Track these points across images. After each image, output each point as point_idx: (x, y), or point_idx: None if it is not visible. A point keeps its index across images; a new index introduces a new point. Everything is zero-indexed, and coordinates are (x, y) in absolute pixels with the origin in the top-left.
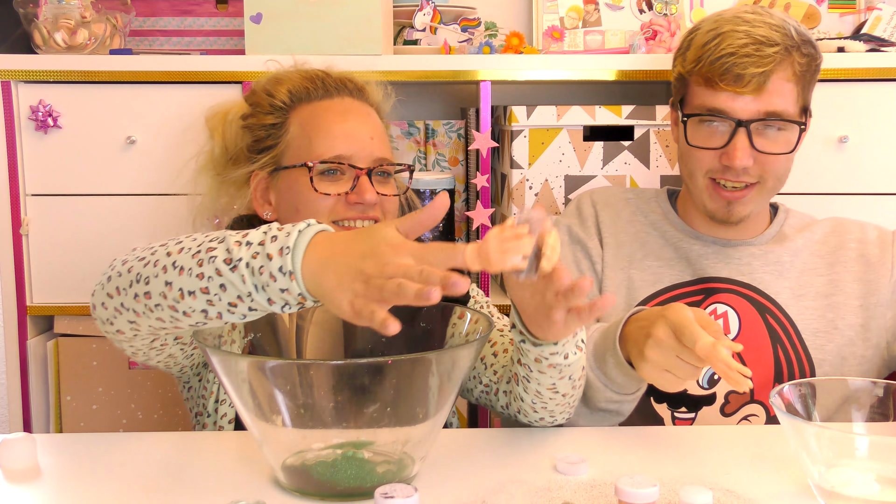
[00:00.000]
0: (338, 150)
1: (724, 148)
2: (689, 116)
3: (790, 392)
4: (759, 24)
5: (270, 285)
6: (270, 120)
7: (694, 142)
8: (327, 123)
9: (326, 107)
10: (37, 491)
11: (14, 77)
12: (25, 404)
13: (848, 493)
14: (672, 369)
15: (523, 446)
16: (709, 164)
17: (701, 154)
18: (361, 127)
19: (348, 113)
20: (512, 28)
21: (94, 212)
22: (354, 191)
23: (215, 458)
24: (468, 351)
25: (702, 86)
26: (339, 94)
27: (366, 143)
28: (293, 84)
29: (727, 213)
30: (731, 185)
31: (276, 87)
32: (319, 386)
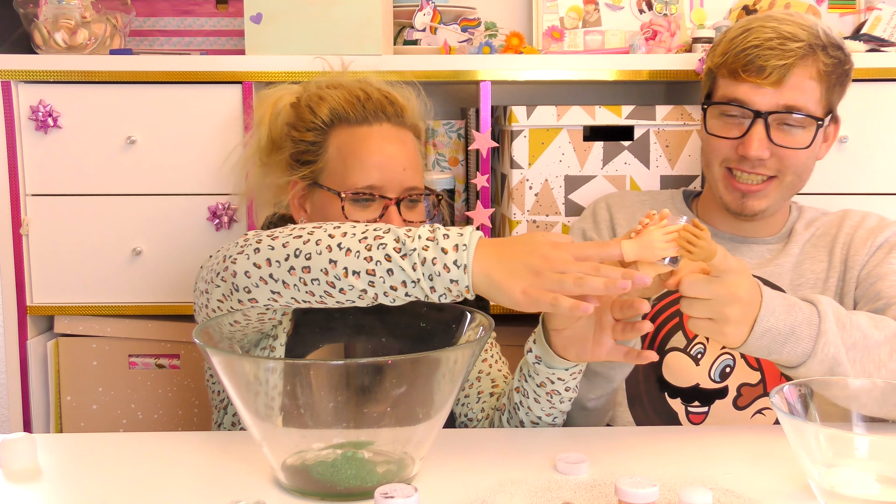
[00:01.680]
0: (370, 180)
1: (741, 138)
2: (710, 103)
3: (790, 392)
4: (789, 22)
5: (442, 275)
6: (311, 137)
7: (713, 130)
8: (363, 153)
9: (364, 135)
10: (37, 491)
11: (14, 77)
12: (25, 404)
13: (848, 493)
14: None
15: (523, 446)
16: (725, 154)
17: (718, 143)
18: (395, 158)
19: (384, 142)
20: (512, 28)
21: (94, 212)
22: (382, 219)
23: (215, 458)
24: (468, 351)
25: (726, 77)
26: (378, 119)
27: (397, 175)
28: (335, 103)
29: (741, 205)
30: (746, 178)
31: (318, 106)
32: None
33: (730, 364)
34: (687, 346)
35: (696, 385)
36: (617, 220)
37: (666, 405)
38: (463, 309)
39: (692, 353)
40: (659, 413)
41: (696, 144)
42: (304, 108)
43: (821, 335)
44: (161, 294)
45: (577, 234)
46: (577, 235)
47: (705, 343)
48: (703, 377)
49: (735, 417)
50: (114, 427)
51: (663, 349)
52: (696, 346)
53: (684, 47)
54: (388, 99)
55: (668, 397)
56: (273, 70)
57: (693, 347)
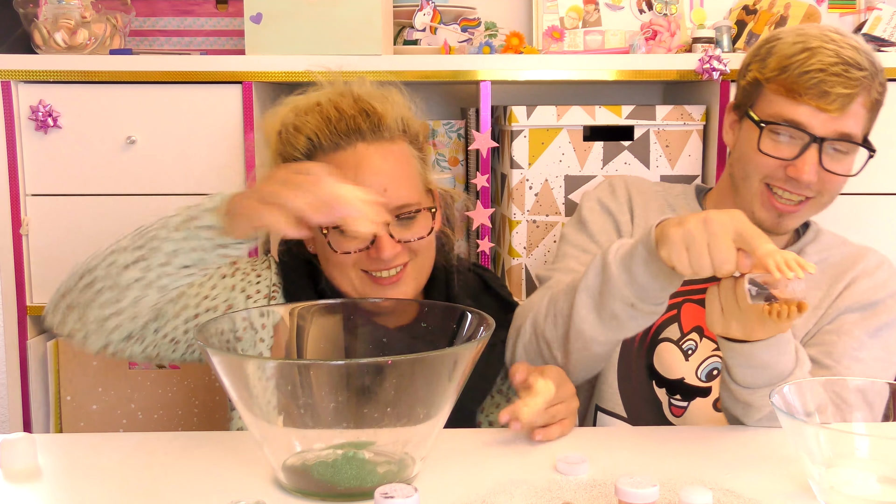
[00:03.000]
0: None
1: (792, 160)
2: (766, 124)
3: (790, 392)
4: (845, 45)
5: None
6: None
7: (764, 149)
8: None
9: (339, 162)
10: (37, 491)
11: (14, 77)
12: (25, 404)
13: (848, 493)
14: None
15: (523, 446)
16: (769, 171)
17: (763, 160)
18: (375, 179)
19: (360, 166)
20: (512, 28)
21: (94, 212)
22: (374, 246)
23: (215, 458)
24: (468, 351)
25: (782, 95)
26: (351, 141)
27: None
28: (309, 132)
29: (776, 223)
30: (786, 197)
31: (296, 138)
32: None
33: (718, 367)
34: (679, 340)
35: (682, 379)
36: (634, 200)
37: (652, 393)
38: (463, 309)
39: (683, 348)
40: (644, 399)
41: (696, 144)
42: (285, 140)
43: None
44: None
45: (593, 202)
46: (593, 203)
47: (697, 341)
48: (690, 373)
49: (711, 418)
50: (114, 427)
51: (656, 338)
52: (688, 342)
53: (684, 47)
54: (365, 111)
55: (656, 386)
56: (273, 70)
57: (685, 342)
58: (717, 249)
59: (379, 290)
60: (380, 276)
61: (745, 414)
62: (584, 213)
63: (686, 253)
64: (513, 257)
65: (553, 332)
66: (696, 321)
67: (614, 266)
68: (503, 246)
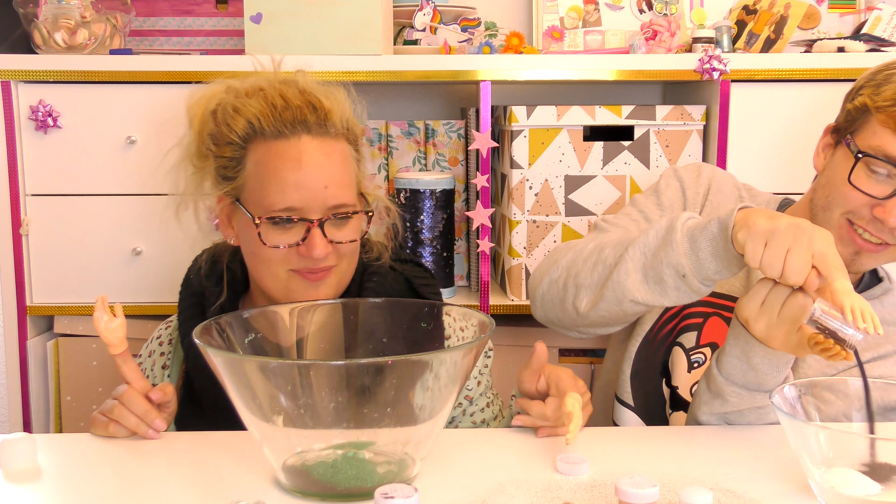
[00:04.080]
0: (289, 201)
1: (883, 200)
2: (864, 155)
3: (790, 392)
4: None
5: None
6: (228, 153)
7: (856, 181)
8: (280, 172)
9: (281, 151)
10: (37, 491)
11: (14, 77)
12: (25, 404)
13: (848, 493)
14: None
15: (523, 446)
16: (854, 206)
17: (851, 193)
18: (316, 175)
19: (302, 158)
20: (512, 28)
21: (94, 212)
22: (305, 243)
23: (215, 458)
24: (468, 351)
25: (890, 129)
26: (296, 132)
27: (319, 194)
28: (250, 115)
29: (851, 262)
30: (865, 238)
31: (234, 119)
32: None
33: None
34: (691, 350)
35: (676, 388)
36: (711, 199)
37: (660, 390)
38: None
39: (691, 359)
40: (650, 394)
41: (696, 144)
42: (221, 122)
43: None
44: (161, 294)
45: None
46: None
47: (707, 357)
48: (685, 386)
49: None
50: None
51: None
52: (697, 355)
53: (684, 47)
54: (312, 104)
55: (665, 384)
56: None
57: (695, 354)
58: (795, 258)
59: (306, 287)
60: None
61: (709, 405)
62: (662, 183)
63: (763, 248)
64: (513, 257)
65: (589, 277)
66: (714, 337)
67: (681, 232)
68: (503, 246)
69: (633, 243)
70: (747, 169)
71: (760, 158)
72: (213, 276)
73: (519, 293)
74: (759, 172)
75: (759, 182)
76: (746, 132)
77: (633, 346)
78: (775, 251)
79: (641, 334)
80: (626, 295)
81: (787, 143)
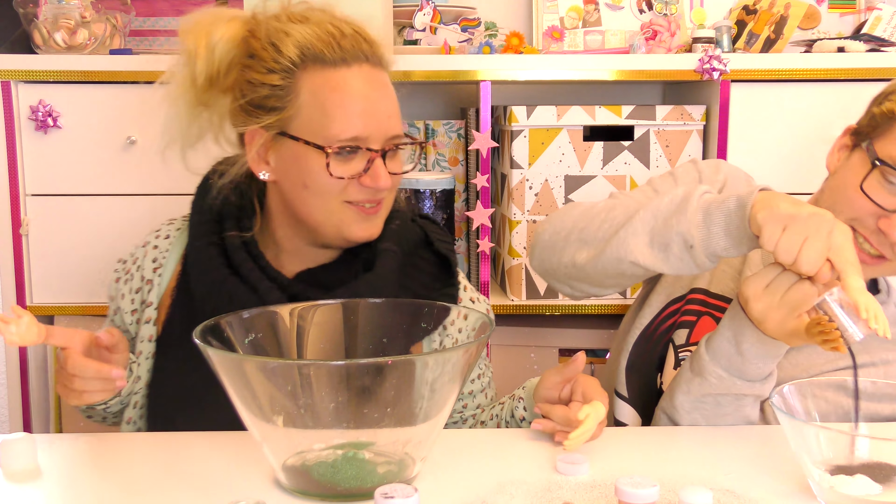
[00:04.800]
0: (355, 130)
1: (891, 212)
2: (882, 163)
3: (790, 392)
4: None
5: None
6: (275, 80)
7: (867, 189)
8: (347, 100)
9: (344, 78)
10: (37, 491)
11: (14, 77)
12: (25, 404)
13: (848, 493)
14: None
15: (523, 446)
16: (859, 214)
17: (859, 200)
18: (380, 104)
19: (367, 87)
20: (512, 28)
21: (94, 212)
22: (368, 174)
23: (215, 458)
24: (468, 351)
25: None
26: (357, 60)
27: (383, 123)
28: (304, 40)
29: None
30: (865, 248)
31: (283, 41)
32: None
33: None
34: (680, 347)
35: (662, 384)
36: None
37: (654, 383)
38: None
39: (680, 356)
40: (645, 388)
41: (696, 144)
42: (265, 43)
43: None
44: None
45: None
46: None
47: None
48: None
49: None
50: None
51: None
52: (685, 353)
53: (684, 47)
54: (363, 36)
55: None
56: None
57: (683, 352)
58: (811, 248)
59: (361, 221)
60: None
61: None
62: (681, 170)
63: (781, 232)
64: (513, 257)
65: (596, 232)
66: None
67: (696, 202)
68: (503, 246)
69: (646, 206)
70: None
71: (760, 158)
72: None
73: (519, 293)
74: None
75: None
76: (746, 132)
77: (630, 339)
78: (793, 237)
79: (640, 328)
80: (628, 255)
81: (787, 143)
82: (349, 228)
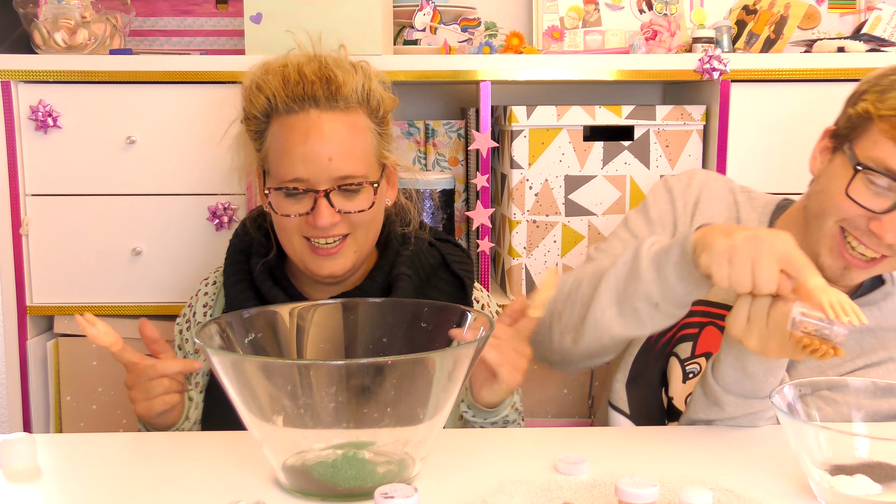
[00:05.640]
0: (295, 172)
1: (880, 214)
2: (863, 168)
3: (790, 392)
4: None
5: None
6: (254, 126)
7: (853, 194)
8: (288, 145)
9: (291, 125)
10: (37, 491)
11: (14, 77)
12: (25, 404)
13: (848, 493)
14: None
15: (523, 446)
16: (848, 216)
17: (847, 205)
18: (320, 147)
19: (309, 132)
20: (512, 28)
21: (94, 212)
22: (312, 213)
23: (215, 458)
24: (468, 351)
25: (892, 140)
26: (304, 107)
27: (324, 166)
28: (268, 92)
29: (841, 276)
30: (860, 251)
31: (256, 96)
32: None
33: None
34: (686, 360)
35: (672, 399)
36: (701, 207)
37: (659, 398)
38: (463, 309)
39: (686, 369)
40: (648, 403)
41: (696, 144)
42: (247, 98)
43: None
44: (161, 294)
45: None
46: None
47: (702, 367)
48: (681, 397)
49: None
50: (114, 427)
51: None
52: (693, 365)
53: (684, 47)
54: (327, 78)
55: (664, 393)
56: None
57: (690, 364)
58: (761, 268)
59: (317, 259)
60: (317, 244)
61: (706, 412)
62: (651, 197)
63: (728, 266)
64: (513, 257)
65: (570, 316)
66: (709, 347)
67: (645, 260)
68: (503, 246)
69: (606, 277)
70: (747, 169)
71: (760, 158)
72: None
73: (519, 293)
74: (758, 172)
75: (758, 182)
76: (746, 132)
77: (630, 355)
78: (740, 267)
79: (640, 342)
80: (605, 332)
81: (787, 144)
82: (309, 265)
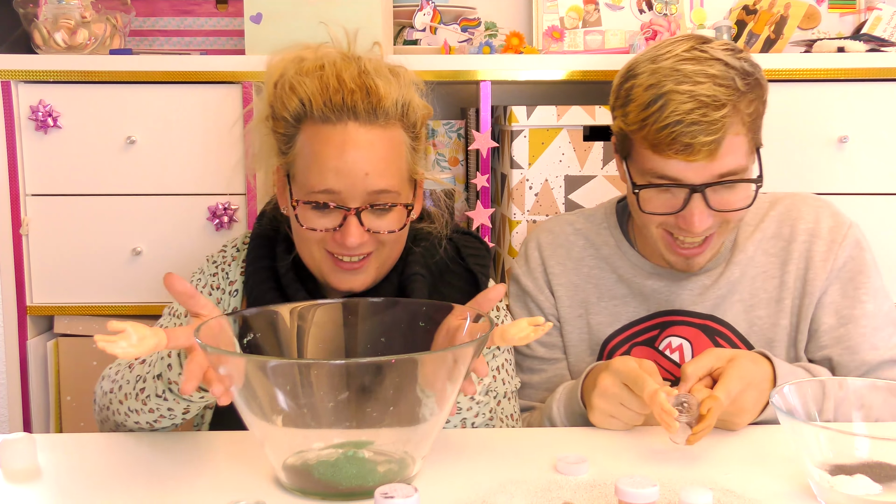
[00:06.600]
0: (327, 184)
1: (680, 212)
2: (641, 187)
3: (790, 392)
4: (702, 78)
5: None
6: (282, 129)
7: (649, 208)
8: (321, 157)
9: (327, 135)
10: (37, 491)
11: (14, 77)
12: (25, 404)
13: (848, 493)
14: (616, 415)
15: (523, 446)
16: (662, 221)
17: (649, 217)
18: (357, 163)
19: (346, 146)
20: (512, 28)
21: (94, 212)
22: (340, 230)
23: (215, 458)
24: (468, 351)
25: (648, 150)
26: (344, 118)
27: (358, 181)
28: (303, 95)
29: (687, 265)
30: (689, 241)
31: (289, 97)
32: (320, 386)
33: None
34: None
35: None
36: (550, 268)
37: None
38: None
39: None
40: None
41: None
42: (279, 96)
43: None
44: (161, 294)
45: (513, 284)
46: (512, 285)
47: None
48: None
49: None
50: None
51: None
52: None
53: None
54: (367, 88)
55: None
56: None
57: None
58: (631, 403)
59: (338, 273)
60: (341, 259)
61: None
62: (512, 299)
63: (614, 419)
64: (513, 257)
65: None
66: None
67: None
68: (503, 246)
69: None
70: None
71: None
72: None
73: None
74: None
75: None
76: None
77: None
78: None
79: None
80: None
81: (787, 143)
82: (329, 277)
